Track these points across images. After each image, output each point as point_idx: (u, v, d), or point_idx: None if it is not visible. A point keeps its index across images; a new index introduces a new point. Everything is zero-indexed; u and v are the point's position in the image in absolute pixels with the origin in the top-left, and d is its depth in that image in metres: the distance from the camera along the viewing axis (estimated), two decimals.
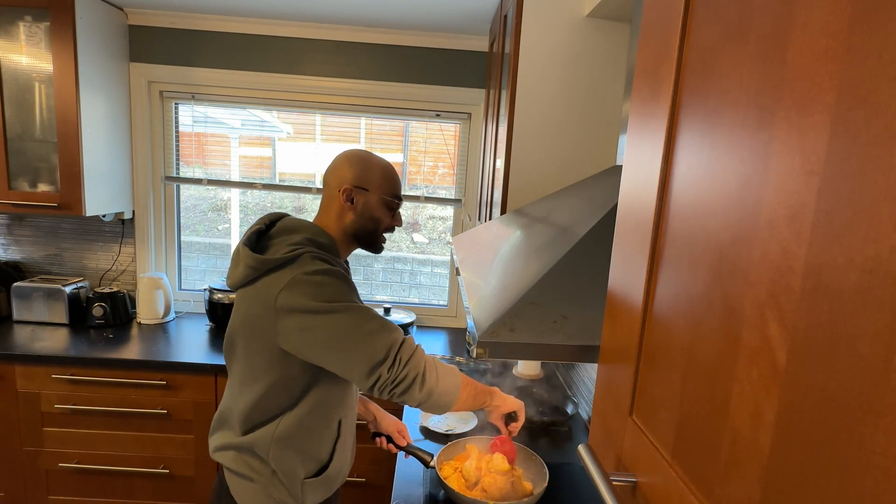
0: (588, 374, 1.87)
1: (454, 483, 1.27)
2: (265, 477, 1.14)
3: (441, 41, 2.37)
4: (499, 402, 1.26)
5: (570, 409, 1.79)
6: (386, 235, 1.28)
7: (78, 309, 2.36)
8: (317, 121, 2.55)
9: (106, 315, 2.31)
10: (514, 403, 1.30)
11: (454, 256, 1.26)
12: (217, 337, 2.30)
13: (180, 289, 2.67)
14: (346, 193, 1.20)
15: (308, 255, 1.10)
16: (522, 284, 0.79)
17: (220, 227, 2.70)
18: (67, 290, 2.31)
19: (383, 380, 1.05)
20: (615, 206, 0.76)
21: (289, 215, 1.23)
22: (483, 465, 1.31)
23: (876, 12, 0.25)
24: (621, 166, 0.61)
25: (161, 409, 2.05)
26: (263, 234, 1.19)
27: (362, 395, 1.45)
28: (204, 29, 2.35)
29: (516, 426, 1.31)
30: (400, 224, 1.28)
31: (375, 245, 1.27)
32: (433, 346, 2.42)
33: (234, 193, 2.69)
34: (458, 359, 2.21)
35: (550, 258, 0.81)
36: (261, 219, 1.22)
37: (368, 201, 1.22)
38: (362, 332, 1.05)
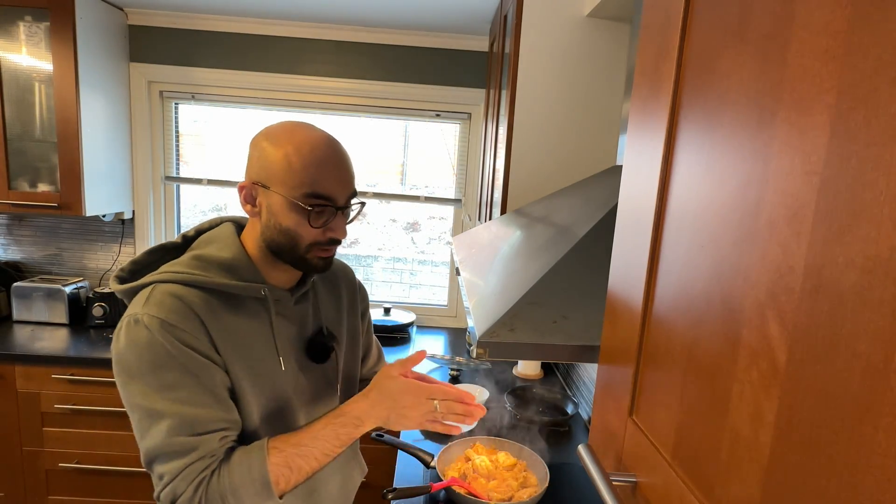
0: (588, 374, 1.87)
1: (477, 486, 1.28)
2: None
3: (441, 41, 2.37)
4: (361, 411, 0.86)
5: (570, 409, 1.79)
6: (324, 248, 0.88)
7: (78, 309, 2.36)
8: (317, 121, 2.55)
9: (106, 315, 2.31)
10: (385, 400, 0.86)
11: (454, 256, 1.24)
12: None
13: None
14: (243, 193, 0.88)
15: (157, 289, 0.84)
16: (522, 284, 0.78)
17: None
18: (67, 290, 2.31)
19: None
20: (615, 206, 0.76)
21: (233, 221, 0.98)
22: (494, 461, 1.35)
23: (876, 12, 0.25)
24: (621, 166, 0.62)
25: None
26: (183, 247, 0.96)
27: None
28: (204, 29, 2.35)
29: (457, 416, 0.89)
30: (340, 235, 0.88)
31: (304, 265, 0.89)
32: (433, 346, 2.42)
33: (235, 193, 2.69)
34: (458, 359, 2.21)
35: (550, 258, 0.81)
36: (186, 231, 0.98)
37: (272, 204, 0.85)
38: (150, 433, 0.81)
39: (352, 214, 0.94)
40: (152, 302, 0.82)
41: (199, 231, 0.97)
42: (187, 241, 0.96)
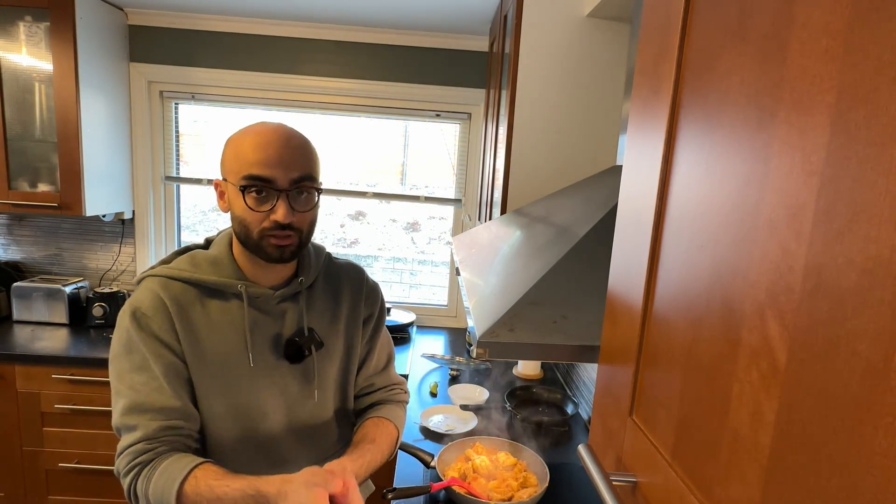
0: (588, 374, 1.87)
1: (477, 486, 1.27)
2: None
3: (441, 41, 2.37)
4: (270, 496, 0.78)
5: (570, 409, 1.79)
6: (274, 234, 0.88)
7: (78, 309, 2.36)
8: (317, 121, 2.55)
9: (106, 315, 2.31)
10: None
11: (454, 256, 1.24)
12: None
13: None
14: (217, 190, 0.94)
15: (143, 283, 0.93)
16: (522, 284, 0.78)
17: (219, 227, 2.70)
18: (67, 290, 2.31)
19: None
20: (615, 206, 0.76)
21: None
22: (494, 461, 1.36)
23: (876, 12, 0.25)
24: (621, 166, 0.62)
25: None
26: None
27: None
28: (204, 29, 2.35)
29: None
30: (280, 219, 0.87)
31: (261, 253, 0.90)
32: (433, 346, 2.42)
33: None
34: (458, 359, 2.21)
35: (550, 258, 0.81)
36: (211, 236, 1.06)
37: (229, 194, 0.91)
38: (114, 410, 0.91)
39: (312, 201, 0.92)
40: (137, 293, 0.93)
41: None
42: (208, 243, 1.02)
